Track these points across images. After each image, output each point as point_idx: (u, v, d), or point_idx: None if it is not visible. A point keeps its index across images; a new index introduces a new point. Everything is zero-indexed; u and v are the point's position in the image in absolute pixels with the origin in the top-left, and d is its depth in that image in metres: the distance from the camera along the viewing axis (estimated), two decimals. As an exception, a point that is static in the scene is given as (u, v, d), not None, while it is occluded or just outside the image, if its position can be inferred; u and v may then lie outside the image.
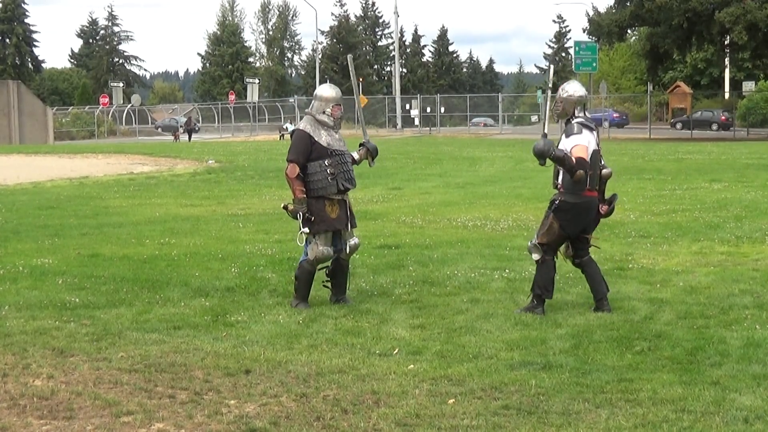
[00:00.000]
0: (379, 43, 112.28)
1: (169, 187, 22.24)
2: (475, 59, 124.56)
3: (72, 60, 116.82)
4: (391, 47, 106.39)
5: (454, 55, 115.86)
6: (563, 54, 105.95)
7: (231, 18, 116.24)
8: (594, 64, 56.62)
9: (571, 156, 7.89)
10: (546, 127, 8.11)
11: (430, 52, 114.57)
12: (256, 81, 74.60)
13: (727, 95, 66.01)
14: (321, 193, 8.37)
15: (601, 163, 8.30)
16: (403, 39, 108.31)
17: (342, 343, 7.15)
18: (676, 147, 38.27)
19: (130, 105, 74.90)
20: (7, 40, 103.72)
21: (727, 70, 66.26)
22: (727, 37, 50.03)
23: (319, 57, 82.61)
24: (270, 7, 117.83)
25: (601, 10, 55.25)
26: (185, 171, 27.45)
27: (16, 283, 9.61)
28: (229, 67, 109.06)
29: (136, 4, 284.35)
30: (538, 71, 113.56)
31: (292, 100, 75.40)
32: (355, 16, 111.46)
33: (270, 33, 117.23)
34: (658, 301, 8.53)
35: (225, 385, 6.12)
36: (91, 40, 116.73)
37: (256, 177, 24.47)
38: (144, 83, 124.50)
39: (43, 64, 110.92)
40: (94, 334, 7.48)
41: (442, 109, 69.30)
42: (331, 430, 5.30)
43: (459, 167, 27.70)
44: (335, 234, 8.52)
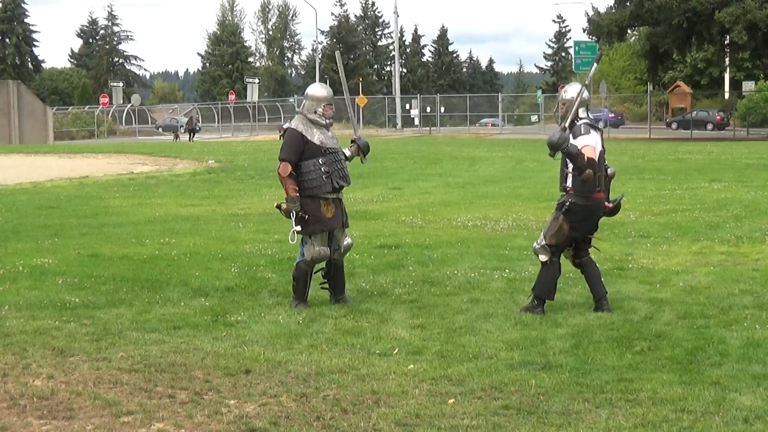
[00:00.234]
0: (379, 43, 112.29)
1: (169, 186, 22.23)
2: (474, 59, 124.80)
3: (72, 60, 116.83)
4: (390, 47, 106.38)
5: (454, 54, 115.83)
6: (563, 54, 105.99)
7: (231, 18, 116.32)
8: (591, 62, 56.53)
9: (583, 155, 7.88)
10: (568, 121, 7.97)
11: (430, 52, 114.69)
12: (256, 81, 74.59)
13: (727, 95, 66.01)
14: (316, 192, 8.34)
15: (605, 163, 8.31)
16: (403, 39, 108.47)
17: (342, 343, 7.15)
18: (676, 147, 38.28)
19: (130, 105, 74.87)
20: (7, 40, 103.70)
21: (727, 70, 66.22)
22: (727, 36, 50.02)
23: (319, 57, 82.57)
24: (270, 6, 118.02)
25: (601, 10, 55.35)
26: (185, 171, 27.45)
27: (16, 283, 9.61)
28: (229, 66, 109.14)
29: (136, 3, 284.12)
30: (538, 71, 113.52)
31: (292, 100, 75.37)
32: (355, 16, 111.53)
33: (270, 33, 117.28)
34: (658, 301, 8.53)
35: (225, 385, 6.12)
36: (91, 40, 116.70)
37: (256, 177, 24.47)
38: (144, 83, 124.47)
39: (43, 64, 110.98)
40: (94, 334, 7.48)
41: (442, 109, 69.31)
42: (331, 430, 5.30)
43: (459, 167, 27.70)
44: (329, 234, 8.51)
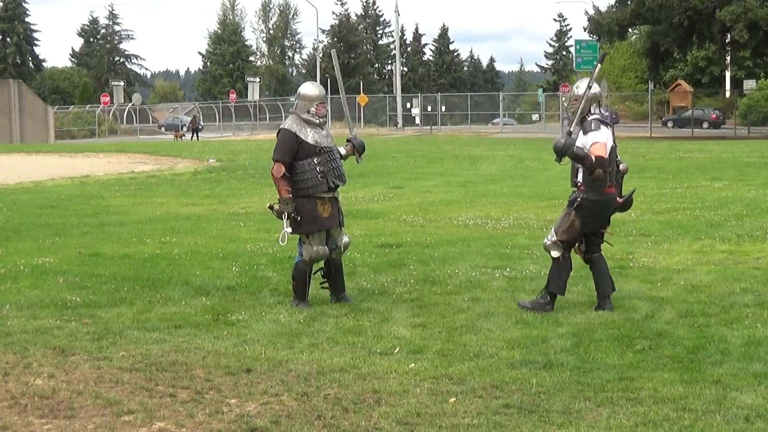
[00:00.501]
0: (380, 42, 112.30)
1: (170, 186, 22.24)
2: (475, 58, 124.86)
3: (73, 59, 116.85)
4: (391, 46, 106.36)
5: (455, 53, 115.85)
6: (564, 53, 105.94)
7: (232, 17, 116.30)
8: (595, 63, 56.55)
9: (591, 154, 7.88)
10: (572, 126, 7.99)
11: (431, 50, 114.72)
12: (257, 80, 74.61)
13: (728, 93, 65.98)
14: (311, 191, 8.33)
15: (617, 158, 8.31)
16: (404, 38, 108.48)
17: (343, 342, 7.15)
18: (677, 145, 38.27)
19: (131, 104, 74.84)
20: (8, 39, 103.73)
21: (728, 69, 66.20)
22: (728, 35, 49.99)
23: (320, 56, 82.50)
24: (271, 5, 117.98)
25: (602, 8, 55.28)
26: (186, 170, 27.45)
27: (17, 282, 9.61)
28: (230, 65, 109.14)
29: (137, 2, 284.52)
30: (539, 70, 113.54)
31: (292, 99, 74.98)
32: (356, 15, 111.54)
33: (271, 32, 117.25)
34: (659, 299, 8.52)
35: (226, 384, 6.12)
36: (91, 39, 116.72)
37: (257, 176, 24.47)
38: (145, 82, 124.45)
39: (44, 63, 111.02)
40: (95, 333, 7.48)
41: (443, 108, 69.27)
42: (332, 429, 5.30)
43: (460, 166, 27.70)
44: (326, 234, 8.50)
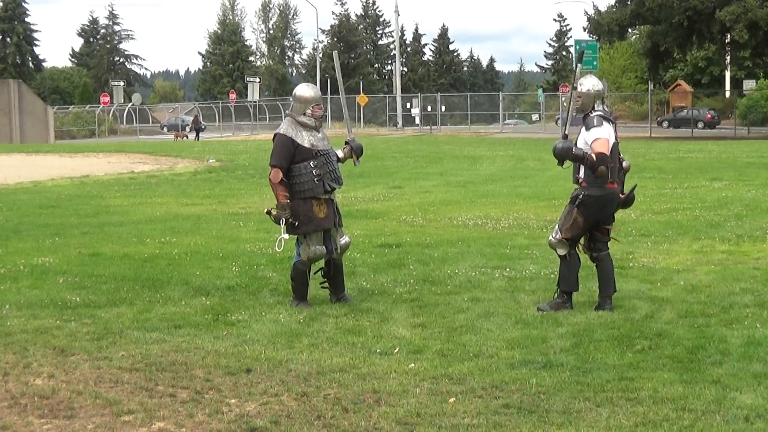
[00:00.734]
0: (380, 42, 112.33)
1: (170, 186, 22.25)
2: (475, 58, 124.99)
3: (73, 59, 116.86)
4: (391, 46, 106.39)
5: (455, 53, 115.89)
6: (564, 53, 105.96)
7: (232, 17, 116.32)
8: (594, 63, 56.45)
9: (592, 152, 7.87)
10: (567, 128, 8.03)
11: (431, 50, 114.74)
12: (257, 80, 74.56)
13: (728, 94, 65.98)
14: (308, 194, 8.31)
15: (620, 155, 8.31)
16: (404, 38, 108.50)
17: (343, 342, 7.15)
18: (676, 145, 38.26)
19: (131, 104, 74.84)
20: (8, 39, 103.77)
21: (727, 69, 66.22)
22: (728, 35, 49.99)
23: (320, 56, 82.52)
24: (271, 5, 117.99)
25: (602, 8, 55.29)
26: (186, 170, 27.46)
27: (16, 282, 9.61)
28: (230, 65, 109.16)
29: (137, 2, 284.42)
30: (538, 70, 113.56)
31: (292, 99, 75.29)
32: (356, 15, 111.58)
33: (271, 32, 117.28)
34: (658, 299, 8.52)
35: (226, 383, 6.12)
36: (91, 39, 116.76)
37: (257, 176, 24.47)
38: (145, 82, 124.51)
39: (43, 63, 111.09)
40: (95, 333, 7.48)
41: (443, 108, 69.26)
42: (332, 429, 5.30)
43: (460, 166, 27.69)
44: (325, 234, 8.50)
